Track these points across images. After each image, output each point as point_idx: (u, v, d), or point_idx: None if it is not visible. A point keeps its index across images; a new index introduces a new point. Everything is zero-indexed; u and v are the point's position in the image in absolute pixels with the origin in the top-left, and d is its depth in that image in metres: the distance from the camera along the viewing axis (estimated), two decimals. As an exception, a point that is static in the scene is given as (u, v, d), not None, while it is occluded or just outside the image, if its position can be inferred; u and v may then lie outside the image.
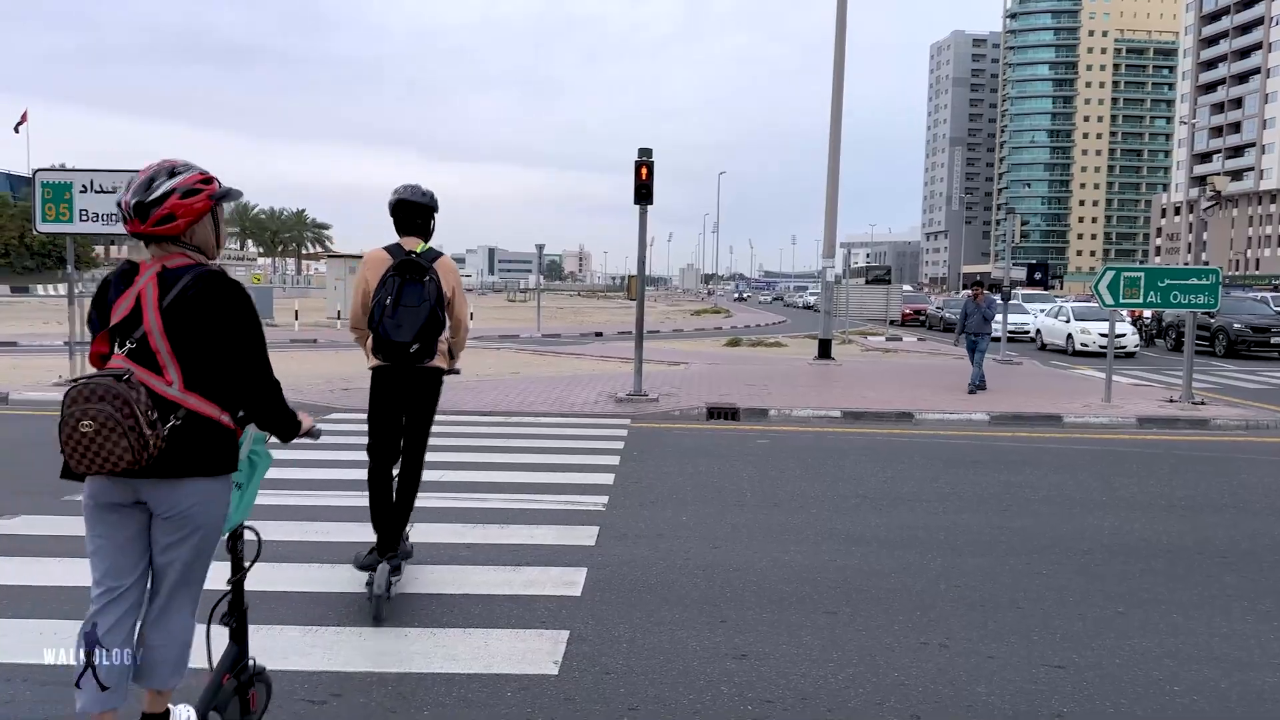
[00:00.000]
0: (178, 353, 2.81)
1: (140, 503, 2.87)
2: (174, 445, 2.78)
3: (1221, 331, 25.44)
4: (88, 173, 13.49)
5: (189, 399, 2.82)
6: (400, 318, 4.68)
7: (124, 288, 2.84)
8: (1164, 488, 8.51)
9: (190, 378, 2.83)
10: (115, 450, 2.66)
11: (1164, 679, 4.18)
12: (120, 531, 2.90)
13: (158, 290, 2.81)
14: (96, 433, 2.67)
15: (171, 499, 2.83)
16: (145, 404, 2.69)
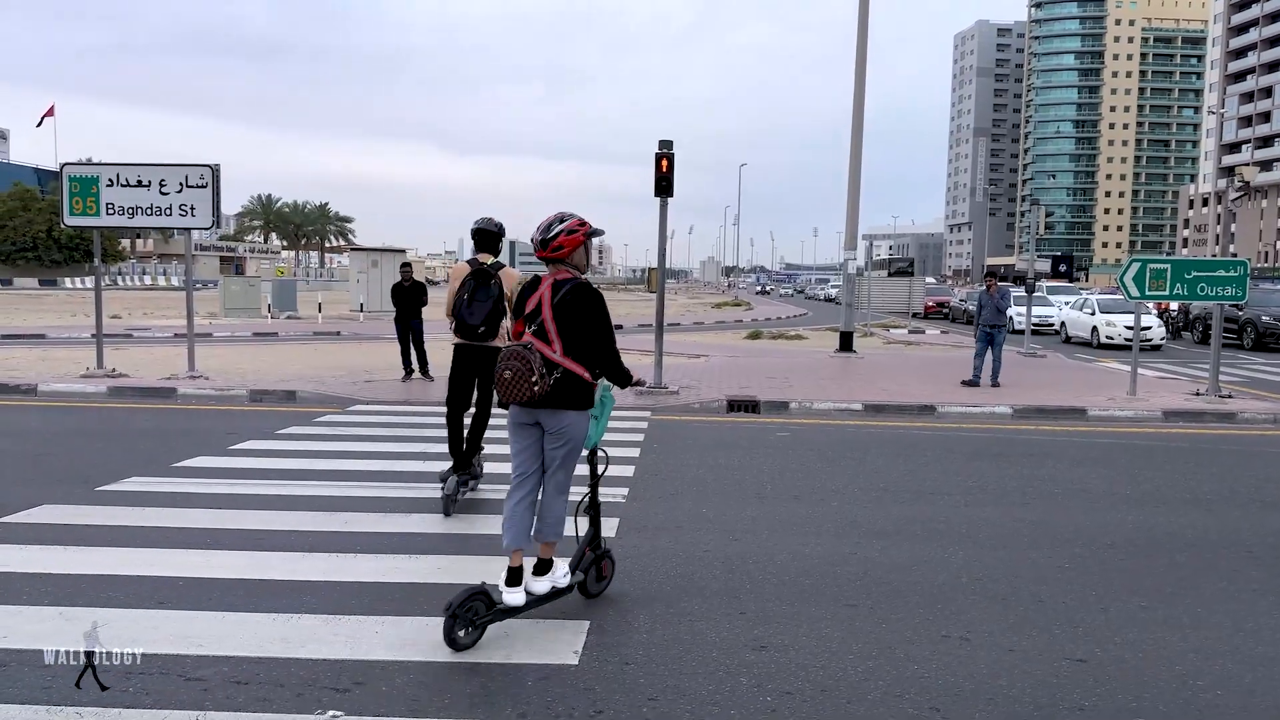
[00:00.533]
0: (560, 333, 4.40)
1: (537, 424, 4.51)
2: (557, 389, 4.37)
3: (1250, 324, 25.10)
4: (114, 166, 13.64)
5: (566, 361, 4.40)
6: (473, 309, 6.61)
7: (532, 291, 4.51)
8: (1189, 482, 8.43)
9: (568, 348, 4.41)
10: (521, 389, 4.30)
11: (1187, 673, 4.15)
12: (526, 439, 4.57)
13: (551, 294, 4.44)
14: (512, 378, 4.32)
15: (555, 422, 4.45)
16: (539, 363, 4.30)
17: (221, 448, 8.96)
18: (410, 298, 14.62)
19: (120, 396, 12.77)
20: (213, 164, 13.64)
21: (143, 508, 6.59)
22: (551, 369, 4.35)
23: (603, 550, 4.99)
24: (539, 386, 4.28)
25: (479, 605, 4.24)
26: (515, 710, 3.65)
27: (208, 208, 13.53)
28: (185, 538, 5.89)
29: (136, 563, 5.35)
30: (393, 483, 7.59)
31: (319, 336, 24.75)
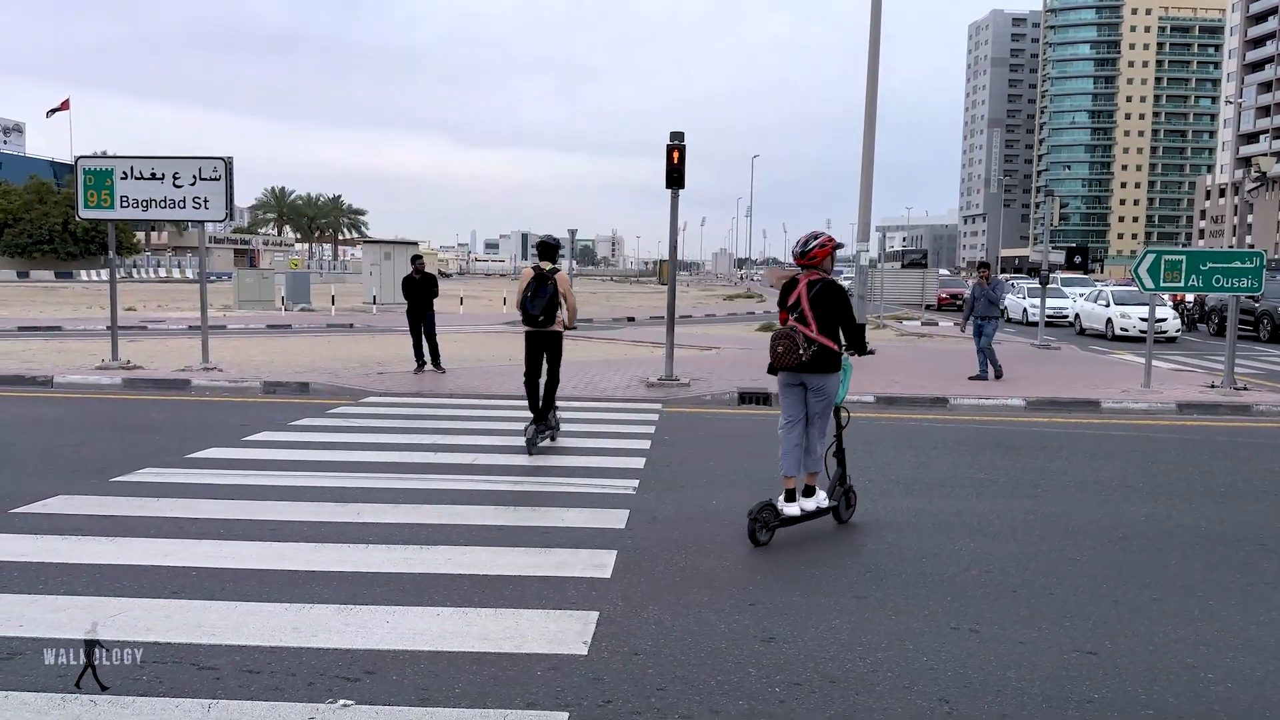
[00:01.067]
0: (815, 318, 5.96)
1: (801, 384, 6.08)
2: (814, 358, 5.90)
3: (1266, 316, 24.90)
4: (128, 159, 13.71)
5: (821, 339, 5.93)
6: (534, 302, 8.68)
7: (791, 289, 6.11)
8: (1203, 474, 8.38)
9: (821, 329, 5.95)
10: (792, 358, 5.87)
11: (1198, 665, 4.14)
12: (794, 396, 6.15)
13: (807, 290, 6.02)
14: (784, 351, 5.90)
15: (815, 382, 6.04)
16: (802, 340, 5.86)
17: (235, 439, 9.02)
18: (422, 290, 14.65)
19: (135, 388, 12.86)
20: (226, 157, 13.69)
21: (157, 498, 6.64)
22: (810, 344, 5.88)
23: (848, 485, 6.47)
24: (804, 355, 5.83)
25: (769, 515, 5.86)
26: (524, 700, 3.67)
27: (221, 200, 13.59)
28: (199, 528, 5.94)
29: (150, 553, 5.40)
30: (405, 474, 7.63)
31: (332, 328, 24.85)
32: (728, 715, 3.59)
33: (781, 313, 6.18)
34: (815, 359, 5.89)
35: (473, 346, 19.29)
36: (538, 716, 3.54)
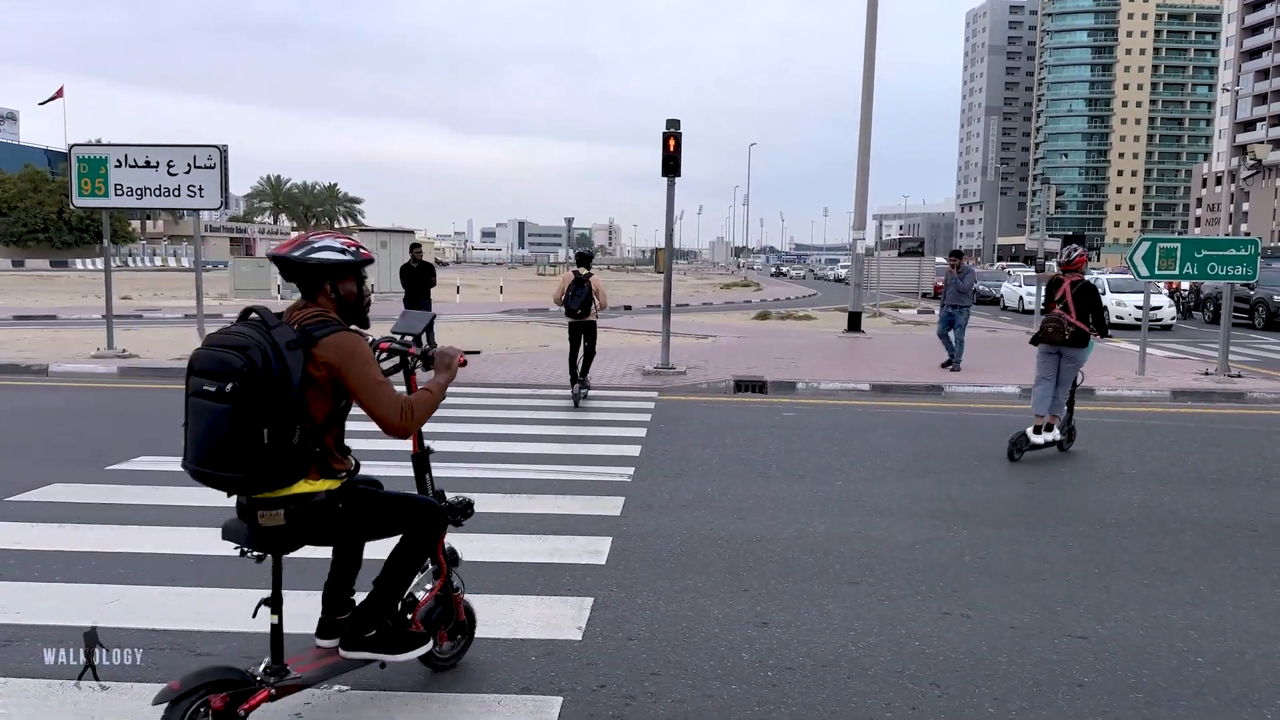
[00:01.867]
0: (1075, 308, 8.27)
1: (1059, 353, 8.33)
2: (1072, 337, 8.22)
3: (1261, 304, 24.95)
4: (122, 147, 13.68)
5: (1078, 324, 8.25)
6: (573, 300, 11.07)
7: (1057, 286, 8.46)
8: (1196, 461, 8.43)
9: (1078, 316, 8.27)
10: (1058, 337, 8.25)
11: (1188, 650, 4.17)
12: (1050, 361, 8.38)
13: (1070, 288, 8.34)
14: (1054, 331, 8.27)
15: (1069, 353, 8.34)
16: (1066, 324, 8.24)
17: (231, 427, 9.01)
18: (419, 278, 14.63)
19: (131, 377, 12.86)
20: (220, 145, 13.66)
21: (153, 486, 6.65)
22: (1071, 327, 8.26)
23: (1071, 425, 8.63)
24: (1065, 335, 8.24)
25: (1022, 441, 8.10)
26: (519, 685, 3.70)
27: (216, 188, 13.56)
28: (195, 515, 5.95)
29: (147, 540, 5.42)
30: (399, 461, 7.63)
31: (328, 317, 24.80)
32: (720, 699, 3.62)
33: (1050, 304, 8.52)
34: (1072, 337, 8.27)
35: (469, 335, 19.29)
36: (532, 701, 3.57)
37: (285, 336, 3.00)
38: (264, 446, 2.93)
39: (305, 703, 3.50)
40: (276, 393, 2.93)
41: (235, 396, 2.87)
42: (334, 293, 3.22)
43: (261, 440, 2.93)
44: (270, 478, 3.02)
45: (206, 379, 2.94)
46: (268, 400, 2.92)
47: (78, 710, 3.42)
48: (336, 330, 3.12)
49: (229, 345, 2.95)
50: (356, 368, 3.11)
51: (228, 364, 2.90)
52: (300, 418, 3.04)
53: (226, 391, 2.88)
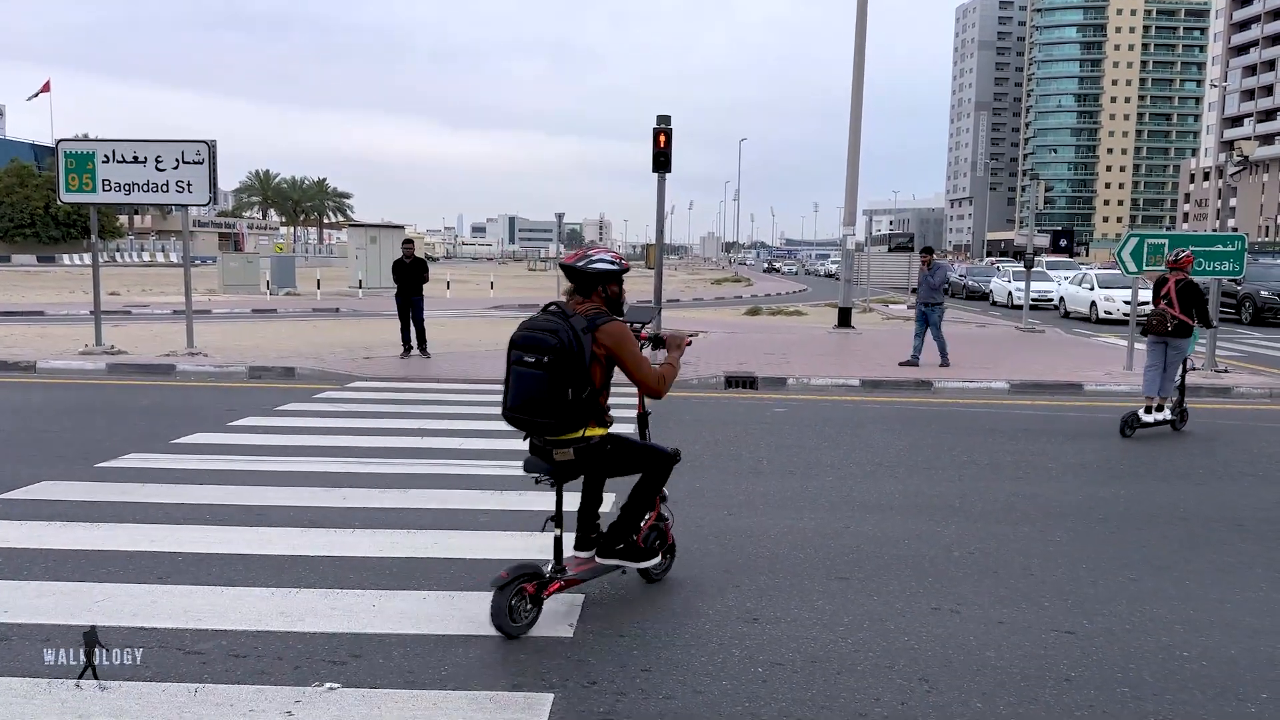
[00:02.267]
0: (1179, 304, 9.25)
1: (1164, 343, 9.30)
2: (1175, 329, 9.26)
3: (1248, 299, 25.09)
4: (110, 142, 13.59)
5: (1182, 317, 9.22)
6: None
7: (1164, 284, 9.48)
8: (1182, 456, 8.48)
9: (1181, 310, 9.24)
10: (1162, 328, 9.25)
11: (1174, 644, 4.21)
12: (1157, 350, 9.33)
13: (1174, 285, 9.36)
14: (1158, 324, 9.31)
15: (1174, 343, 9.29)
16: (1169, 318, 9.25)
17: (220, 424, 9.00)
18: (411, 274, 14.60)
19: (119, 373, 12.80)
20: (209, 140, 13.59)
21: (142, 484, 6.63)
22: (1174, 320, 9.22)
23: (1183, 408, 9.61)
24: (1169, 327, 9.21)
25: (1134, 420, 9.16)
26: (510, 682, 3.70)
27: (204, 184, 13.50)
28: (184, 513, 5.94)
29: (136, 538, 5.40)
30: (391, 459, 7.64)
31: (318, 313, 24.76)
32: (710, 695, 3.64)
33: (1156, 300, 9.51)
34: (1175, 329, 9.26)
35: (459, 331, 19.27)
36: (523, 698, 3.58)
37: (580, 324, 4.10)
38: (566, 402, 4.08)
39: (296, 701, 3.51)
40: (575, 364, 4.05)
41: (548, 366, 4.03)
42: (604, 292, 4.31)
43: (565, 397, 4.07)
44: (567, 425, 4.17)
45: (526, 352, 4.10)
46: (570, 369, 4.04)
47: (65, 708, 3.41)
48: (610, 320, 4.25)
49: (543, 329, 4.09)
50: (627, 348, 4.28)
51: (544, 343, 4.05)
52: (588, 382, 4.11)
53: (544, 362, 4.04)
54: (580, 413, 4.17)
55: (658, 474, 4.64)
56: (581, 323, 4.13)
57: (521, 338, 4.15)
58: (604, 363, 4.24)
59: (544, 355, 4.04)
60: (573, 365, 4.04)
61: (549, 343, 4.04)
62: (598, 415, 4.31)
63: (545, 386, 4.05)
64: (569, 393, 4.07)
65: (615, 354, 4.25)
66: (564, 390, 4.06)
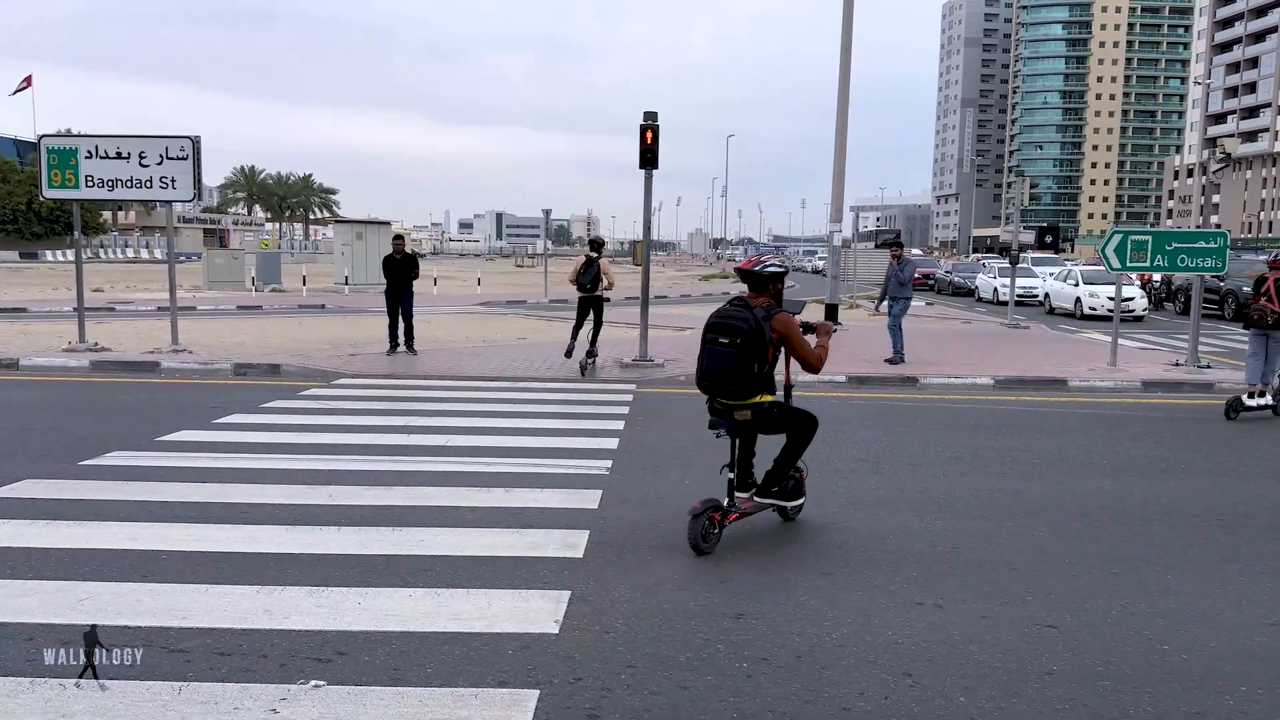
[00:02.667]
0: (1277, 297, 10.28)
1: (1266, 335, 10.36)
2: (1275, 322, 10.22)
3: (1231, 295, 25.26)
4: (93, 138, 13.50)
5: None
6: (584, 278, 13.03)
7: (1264, 282, 10.45)
8: (1165, 451, 8.55)
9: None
10: (1262, 322, 10.28)
11: (1155, 638, 4.25)
12: (1261, 342, 10.40)
13: (1273, 284, 10.33)
14: (1258, 319, 10.29)
15: (1276, 335, 10.32)
16: (1269, 312, 10.18)
17: (205, 422, 8.97)
18: (402, 270, 14.55)
19: (103, 370, 12.73)
20: (193, 136, 13.52)
21: (126, 482, 6.60)
22: (1274, 314, 10.08)
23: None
24: (1270, 320, 10.10)
25: (1238, 403, 10.17)
26: (496, 679, 3.71)
27: (189, 180, 13.42)
28: (169, 511, 5.92)
29: (120, 536, 5.38)
30: (377, 456, 7.63)
31: (303, 309, 24.65)
32: (696, 690, 3.65)
33: (1257, 296, 10.42)
34: (1276, 323, 10.17)
35: (446, 328, 19.22)
36: (509, 695, 3.59)
37: (760, 314, 5.32)
38: (751, 374, 5.29)
39: (281, 699, 3.50)
40: (759, 344, 5.26)
41: (739, 346, 5.24)
42: (772, 289, 5.52)
43: (751, 370, 5.28)
44: (749, 392, 5.35)
45: (721, 335, 5.32)
46: (755, 349, 5.25)
47: (49, 707, 3.40)
48: (780, 311, 5.46)
49: (735, 317, 5.31)
50: (795, 333, 5.43)
51: (737, 328, 5.26)
52: (765, 359, 5.33)
53: (735, 343, 5.25)
54: (758, 383, 5.35)
55: (805, 434, 5.71)
56: (761, 313, 5.34)
57: (717, 323, 5.37)
58: (776, 344, 5.42)
59: (736, 337, 5.25)
60: (757, 345, 5.26)
61: (741, 328, 5.25)
62: (769, 386, 5.49)
63: (735, 362, 5.27)
64: (754, 367, 5.28)
65: (786, 338, 5.42)
66: (750, 365, 5.27)
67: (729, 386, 5.33)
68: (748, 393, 5.36)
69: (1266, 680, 3.85)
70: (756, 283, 5.52)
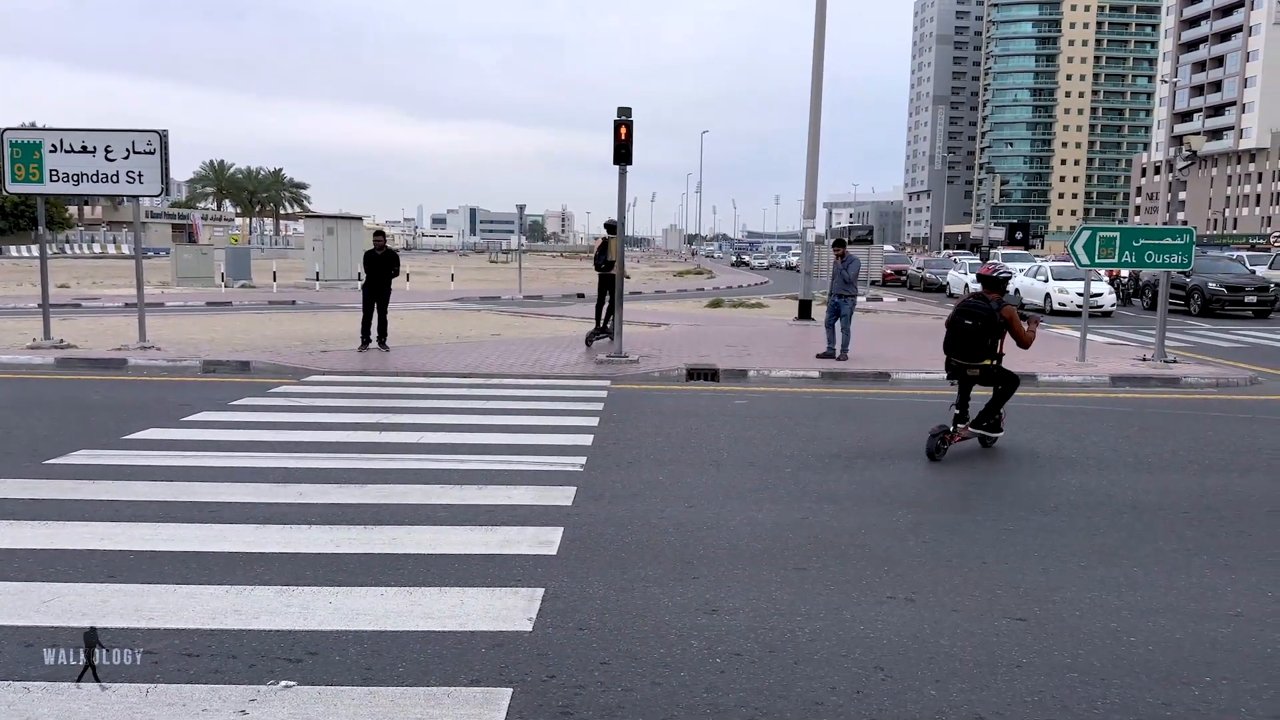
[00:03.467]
0: None
1: None
2: None
3: (1196, 291, 25.65)
4: (57, 132, 13.28)
5: None
6: (600, 258, 15.40)
7: None
8: (1133, 445, 8.67)
9: None
10: None
11: (1121, 630, 4.30)
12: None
13: None
14: None
15: None
16: None
17: (174, 420, 8.86)
18: (383, 266, 14.43)
19: (69, 368, 12.54)
20: (160, 129, 13.32)
21: (92, 481, 6.51)
22: None
23: None
24: None
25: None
26: (468, 677, 3.69)
27: (156, 174, 13.24)
28: (136, 510, 5.84)
29: (86, 536, 5.30)
30: (349, 454, 7.57)
31: (274, 306, 24.41)
32: (669, 686, 3.66)
33: None
34: None
35: (419, 324, 19.11)
36: (481, 693, 3.57)
37: (994, 305, 7.84)
38: (984, 345, 7.80)
39: (251, 700, 3.47)
40: (993, 325, 7.76)
41: (980, 326, 7.76)
42: (1000, 288, 7.99)
43: (985, 343, 7.79)
44: (981, 357, 7.86)
45: (966, 318, 7.83)
46: (989, 328, 7.76)
47: (12, 710, 3.35)
48: (1007, 305, 7.91)
49: (978, 307, 7.85)
50: (1016, 319, 7.90)
51: (979, 314, 7.79)
52: (996, 336, 7.84)
53: (977, 325, 7.78)
54: (989, 351, 7.90)
55: (1010, 389, 8.09)
56: (995, 305, 7.92)
57: (964, 309, 7.97)
58: (1001, 329, 7.90)
59: (977, 320, 7.83)
60: (992, 326, 7.82)
61: (981, 314, 7.85)
62: (995, 355, 7.97)
63: (977, 337, 7.84)
64: (986, 341, 7.85)
65: (1010, 323, 7.92)
66: (984, 339, 7.84)
67: (968, 352, 7.90)
68: (979, 357, 7.88)
69: (1230, 671, 3.91)
70: (992, 284, 8.00)
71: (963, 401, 8.04)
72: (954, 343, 7.94)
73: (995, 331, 7.79)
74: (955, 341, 7.93)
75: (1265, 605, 4.67)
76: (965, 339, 7.82)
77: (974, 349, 7.84)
